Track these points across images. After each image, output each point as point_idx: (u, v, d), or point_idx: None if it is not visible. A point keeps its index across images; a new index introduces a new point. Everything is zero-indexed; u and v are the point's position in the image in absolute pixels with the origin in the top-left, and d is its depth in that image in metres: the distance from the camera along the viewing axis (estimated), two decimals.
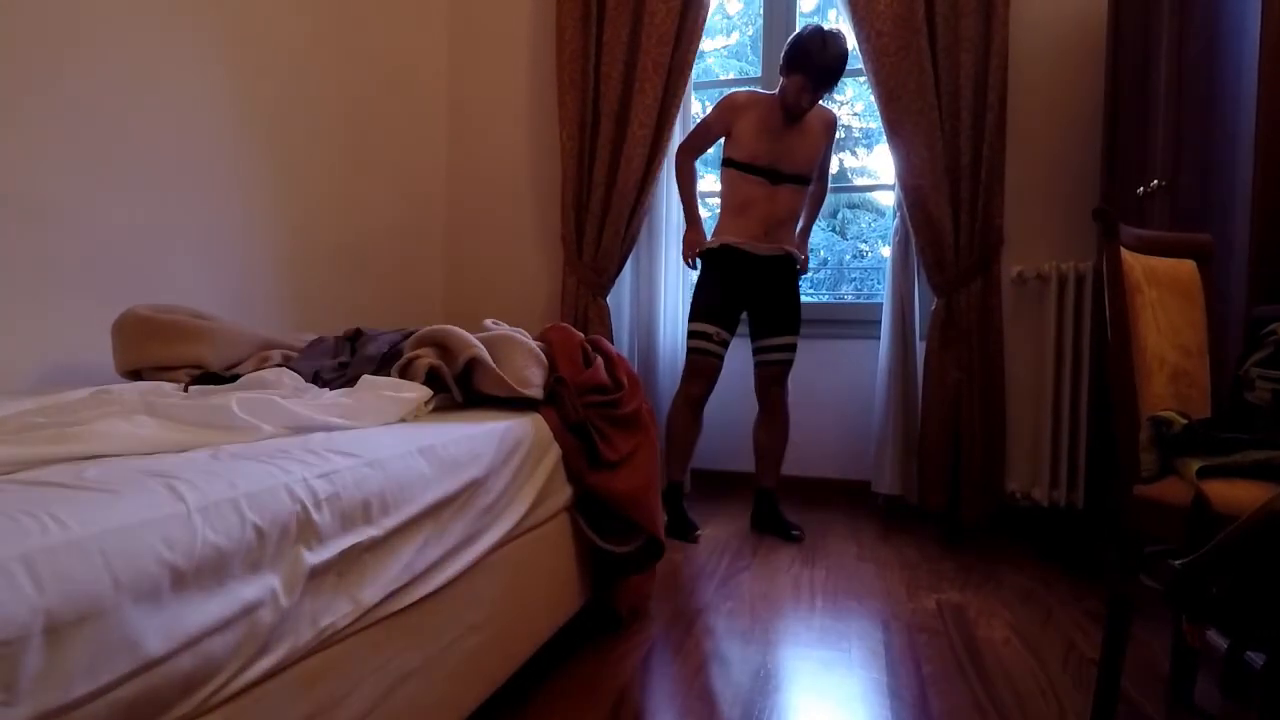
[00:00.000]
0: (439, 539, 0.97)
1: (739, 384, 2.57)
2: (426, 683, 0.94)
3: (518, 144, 3.09)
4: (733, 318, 2.34)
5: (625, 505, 1.45)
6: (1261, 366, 1.15)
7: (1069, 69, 2.45)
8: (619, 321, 2.81)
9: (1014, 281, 2.45)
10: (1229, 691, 1.31)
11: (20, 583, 0.49)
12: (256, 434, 0.93)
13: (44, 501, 0.58)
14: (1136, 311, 1.17)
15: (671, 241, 2.80)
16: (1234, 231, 1.46)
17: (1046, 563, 2.10)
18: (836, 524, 2.47)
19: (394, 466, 0.91)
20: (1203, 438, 1.06)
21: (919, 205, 2.40)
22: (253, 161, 2.17)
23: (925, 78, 2.38)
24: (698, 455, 2.78)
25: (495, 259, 3.13)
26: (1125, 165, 2.07)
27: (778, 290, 2.33)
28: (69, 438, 0.79)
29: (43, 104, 1.58)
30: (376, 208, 2.75)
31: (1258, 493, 0.93)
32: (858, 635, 1.56)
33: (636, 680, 1.35)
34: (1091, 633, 1.59)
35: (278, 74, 2.25)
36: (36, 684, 0.49)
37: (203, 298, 1.92)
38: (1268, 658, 1.23)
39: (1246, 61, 1.44)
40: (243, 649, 0.66)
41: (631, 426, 1.56)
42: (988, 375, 2.38)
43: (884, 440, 2.51)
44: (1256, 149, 1.40)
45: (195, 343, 1.53)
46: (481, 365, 1.32)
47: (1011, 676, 1.38)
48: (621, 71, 2.71)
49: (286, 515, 0.72)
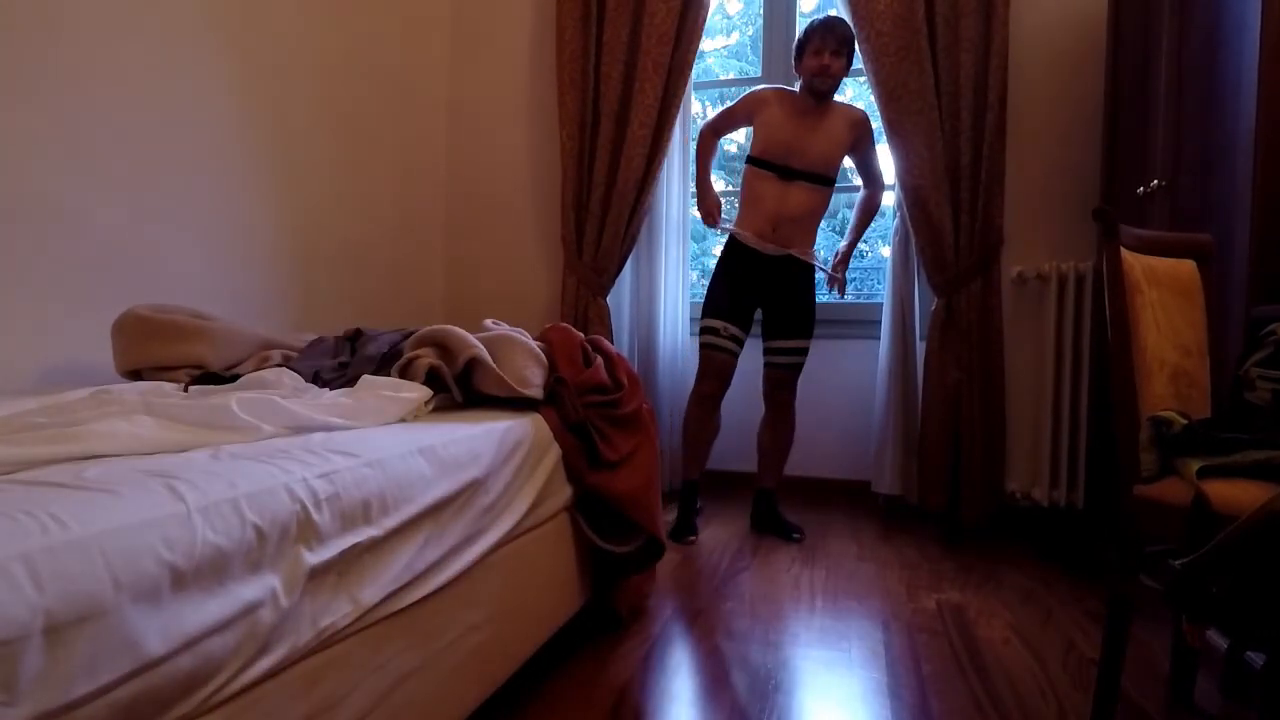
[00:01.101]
0: (439, 539, 0.97)
1: (744, 385, 2.57)
2: (426, 683, 0.94)
3: (518, 144, 3.09)
4: (742, 313, 2.33)
5: (625, 505, 1.45)
6: (1261, 366, 1.15)
7: (1069, 69, 2.45)
8: (619, 321, 2.81)
9: (1014, 281, 2.45)
10: (1229, 691, 1.31)
11: (20, 583, 0.49)
12: (256, 434, 0.93)
13: (44, 501, 0.58)
14: (1136, 311, 1.17)
15: (671, 241, 2.80)
16: (1234, 231, 1.46)
17: (1046, 563, 2.10)
18: (836, 524, 2.47)
19: (394, 466, 0.91)
20: (1203, 438, 1.06)
21: (919, 205, 2.40)
22: (253, 161, 2.17)
23: (925, 78, 2.38)
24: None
25: (495, 259, 3.13)
26: (1125, 165, 2.07)
27: (786, 292, 2.31)
28: (69, 438, 0.79)
29: (43, 104, 1.58)
30: (376, 207, 2.75)
31: (1258, 493, 0.93)
32: (858, 635, 1.56)
33: (636, 680, 1.35)
34: (1091, 633, 1.59)
35: (278, 74, 2.25)
36: (36, 684, 0.49)
37: (203, 298, 1.92)
38: (1268, 658, 1.23)
39: (1246, 61, 1.44)
40: (243, 649, 0.66)
41: (631, 426, 1.56)
42: (988, 375, 2.38)
43: (884, 440, 2.51)
44: (1256, 149, 1.40)
45: (195, 343, 1.53)
46: (481, 365, 1.32)
47: (1011, 676, 1.38)
48: (621, 71, 2.71)
49: (286, 515, 0.72)
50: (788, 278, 2.31)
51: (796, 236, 2.29)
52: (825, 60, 2.15)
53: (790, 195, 2.25)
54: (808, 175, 2.24)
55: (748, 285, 2.32)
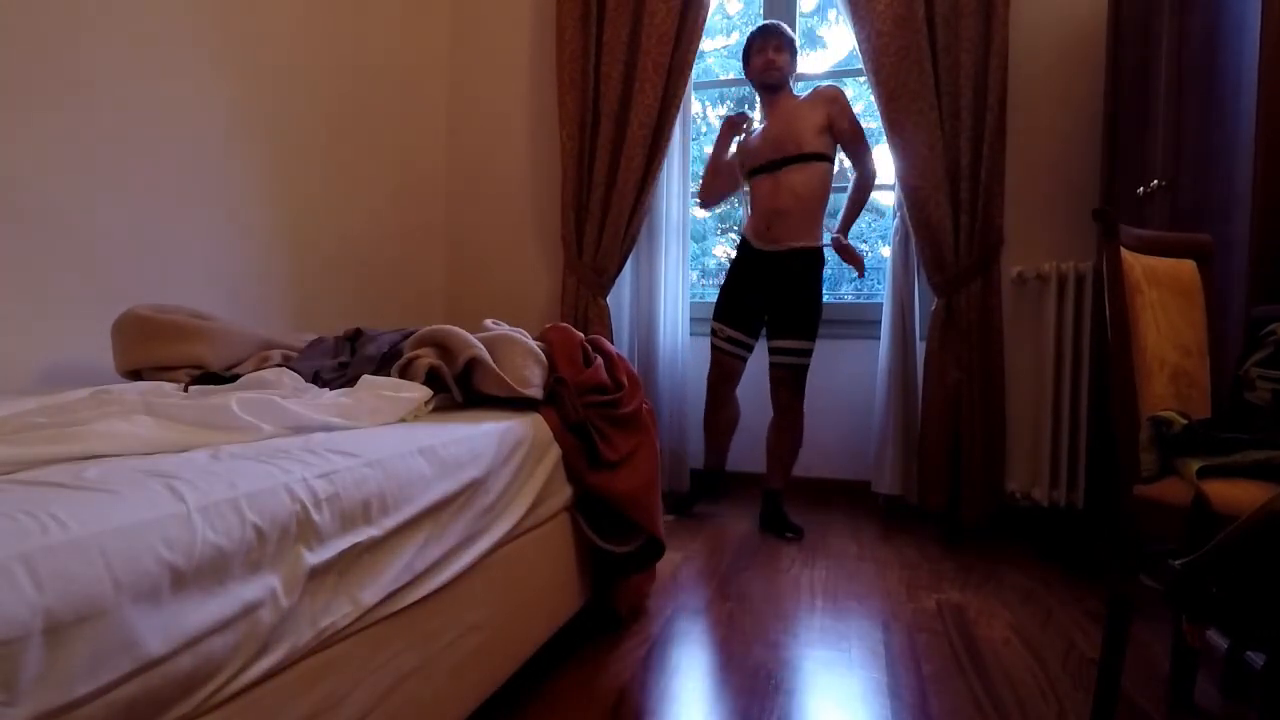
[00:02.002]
0: (439, 539, 0.97)
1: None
2: (426, 683, 0.94)
3: (518, 144, 3.09)
4: (743, 315, 2.38)
5: (625, 505, 1.45)
6: (1261, 366, 1.15)
7: (1069, 69, 2.45)
8: (619, 321, 2.81)
9: (1014, 281, 2.45)
10: (1229, 691, 1.31)
11: (20, 583, 0.49)
12: (256, 434, 0.93)
13: (44, 501, 0.58)
14: (1136, 311, 1.17)
15: (672, 241, 2.80)
16: (1234, 231, 1.46)
17: (1046, 563, 2.10)
18: (837, 524, 2.47)
19: (394, 466, 0.91)
20: (1203, 438, 1.06)
21: (919, 205, 2.40)
22: (253, 161, 2.17)
23: (925, 78, 2.38)
24: (696, 456, 2.79)
25: (495, 259, 3.13)
26: (1125, 165, 2.07)
27: (786, 291, 2.33)
28: (69, 438, 0.79)
29: (42, 105, 1.58)
30: (377, 207, 2.75)
31: (1258, 493, 0.93)
32: (858, 635, 1.56)
33: (636, 680, 1.35)
34: (1091, 633, 1.59)
35: (279, 74, 2.25)
36: (36, 684, 0.49)
37: (202, 298, 1.92)
38: (1268, 658, 1.23)
39: (1246, 61, 1.44)
40: (243, 649, 0.66)
41: (631, 426, 1.56)
42: (988, 375, 2.38)
43: (884, 440, 2.51)
44: (1256, 149, 1.40)
45: (195, 343, 1.53)
46: (481, 365, 1.32)
47: (1011, 676, 1.38)
48: (621, 71, 2.71)
49: (286, 515, 0.72)
50: (788, 277, 2.32)
51: (793, 229, 2.31)
52: (769, 56, 2.31)
53: (780, 187, 2.30)
54: (788, 159, 2.30)
55: (749, 286, 2.37)
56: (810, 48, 3.56)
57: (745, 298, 2.38)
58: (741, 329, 2.39)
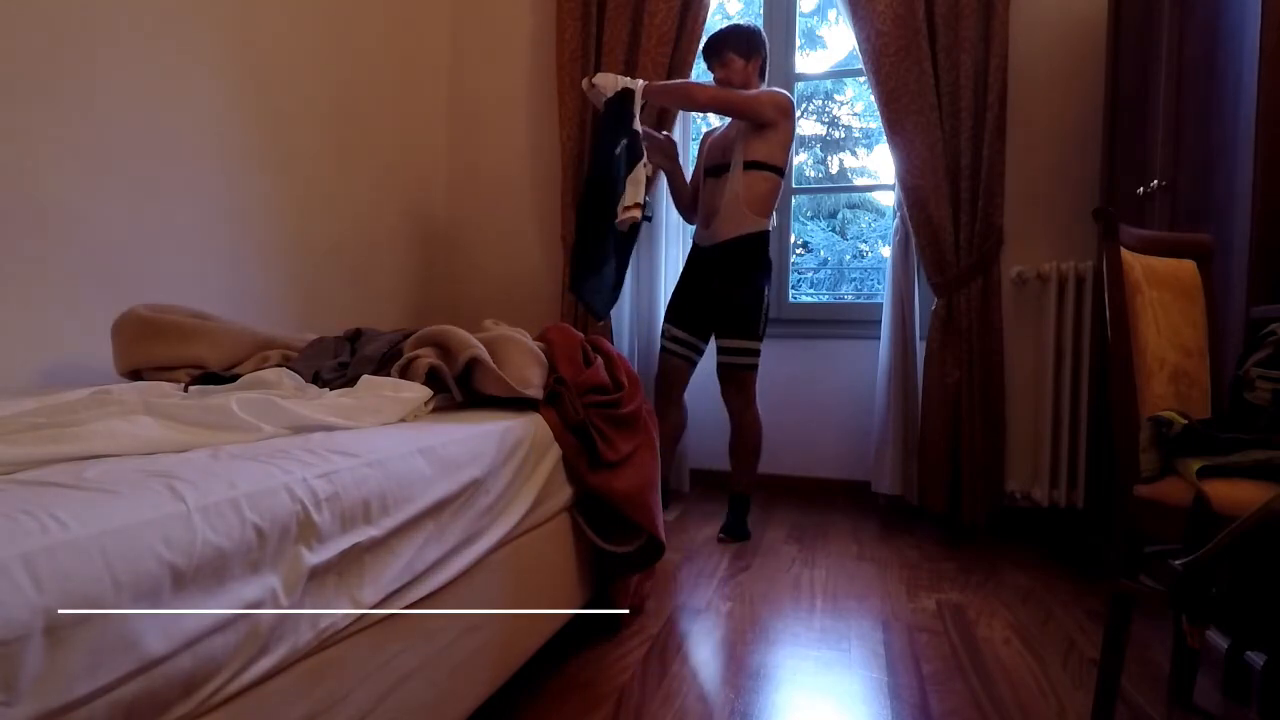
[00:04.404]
0: (439, 539, 0.97)
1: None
2: (426, 683, 0.94)
3: (518, 144, 3.09)
4: (690, 315, 2.36)
5: (625, 505, 1.45)
6: (1261, 366, 1.15)
7: (1069, 69, 2.45)
8: (619, 322, 2.81)
9: (1014, 281, 2.45)
10: (1229, 691, 1.31)
11: (20, 583, 0.49)
12: (256, 434, 0.93)
13: (44, 501, 0.58)
14: (1136, 311, 1.17)
15: (671, 241, 2.80)
16: (1234, 231, 1.46)
17: (1046, 563, 2.10)
18: (836, 524, 2.47)
19: (394, 466, 0.91)
20: (1203, 438, 1.06)
21: (919, 205, 2.40)
22: (253, 161, 2.17)
23: (925, 78, 2.38)
24: (697, 455, 2.79)
25: (495, 259, 3.13)
26: (1125, 165, 2.07)
27: (724, 286, 2.28)
28: (69, 438, 0.79)
29: (42, 105, 1.58)
30: (376, 207, 2.75)
31: (1258, 493, 0.94)
32: (858, 635, 1.56)
33: (636, 680, 1.35)
34: (1091, 633, 1.59)
35: (278, 74, 2.25)
36: (36, 684, 0.49)
37: (202, 298, 1.92)
38: (1268, 658, 1.24)
39: (1246, 61, 1.44)
40: (243, 649, 0.66)
41: (631, 426, 1.56)
42: (988, 375, 2.38)
43: (884, 440, 2.51)
44: (1256, 149, 1.40)
45: (195, 343, 1.53)
46: (481, 365, 1.32)
47: (1011, 676, 1.38)
48: (621, 71, 2.70)
49: (286, 515, 0.72)
50: (726, 271, 2.28)
51: (731, 223, 2.28)
52: (717, 75, 2.34)
53: (718, 190, 2.33)
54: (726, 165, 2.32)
55: (695, 284, 2.38)
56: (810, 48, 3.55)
57: (692, 296, 2.36)
58: (687, 329, 2.35)
